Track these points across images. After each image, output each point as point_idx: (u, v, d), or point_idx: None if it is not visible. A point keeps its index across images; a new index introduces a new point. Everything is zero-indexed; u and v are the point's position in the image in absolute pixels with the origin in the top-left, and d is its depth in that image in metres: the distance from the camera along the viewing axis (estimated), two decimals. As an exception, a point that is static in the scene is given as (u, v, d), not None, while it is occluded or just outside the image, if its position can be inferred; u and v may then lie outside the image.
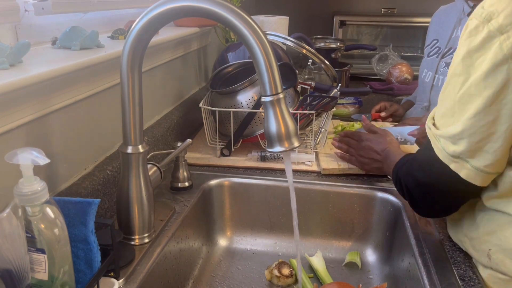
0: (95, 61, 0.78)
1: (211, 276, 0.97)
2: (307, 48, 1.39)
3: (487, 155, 0.64)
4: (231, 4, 0.62)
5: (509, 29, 0.58)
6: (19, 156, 0.52)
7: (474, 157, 0.65)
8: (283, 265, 0.95)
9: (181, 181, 1.00)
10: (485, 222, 0.72)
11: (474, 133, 0.63)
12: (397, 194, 0.99)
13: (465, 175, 0.67)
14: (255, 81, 1.13)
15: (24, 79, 0.62)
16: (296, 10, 2.49)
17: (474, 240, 0.75)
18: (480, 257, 0.74)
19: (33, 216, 0.53)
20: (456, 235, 0.81)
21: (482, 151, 0.64)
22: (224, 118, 1.15)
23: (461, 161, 0.66)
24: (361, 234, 1.04)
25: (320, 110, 1.18)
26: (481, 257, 0.74)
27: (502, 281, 0.71)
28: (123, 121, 0.74)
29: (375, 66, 2.13)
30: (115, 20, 1.11)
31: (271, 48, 0.62)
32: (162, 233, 0.84)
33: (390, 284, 0.90)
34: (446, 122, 0.67)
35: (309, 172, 1.10)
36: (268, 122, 0.65)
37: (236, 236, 1.08)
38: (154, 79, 1.14)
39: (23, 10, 0.78)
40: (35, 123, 0.70)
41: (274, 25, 1.67)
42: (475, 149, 0.64)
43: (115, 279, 0.68)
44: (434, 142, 0.69)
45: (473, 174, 0.66)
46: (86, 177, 0.82)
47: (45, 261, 0.54)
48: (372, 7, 2.50)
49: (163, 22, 0.67)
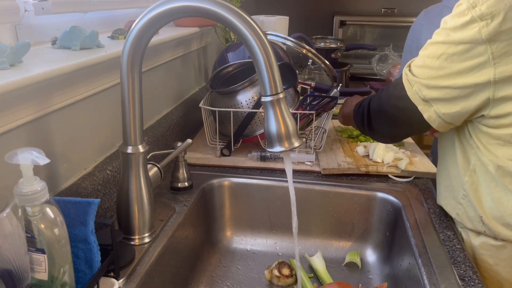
0: (95, 61, 0.78)
1: (211, 276, 0.97)
2: (307, 48, 1.39)
3: (451, 105, 0.77)
4: (231, 4, 0.62)
5: (488, 17, 0.69)
6: (19, 156, 0.52)
7: (439, 103, 0.78)
8: (283, 265, 0.95)
9: (181, 181, 1.00)
10: (475, 189, 0.81)
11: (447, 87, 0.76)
12: (397, 194, 0.99)
13: (427, 117, 0.80)
14: (255, 81, 1.13)
15: (24, 79, 0.62)
16: (296, 10, 2.49)
17: (468, 207, 0.83)
18: (474, 222, 0.83)
19: (33, 216, 0.53)
20: (448, 203, 0.89)
21: (448, 102, 0.77)
22: (224, 118, 1.15)
23: (427, 105, 0.79)
24: (361, 234, 1.04)
25: (320, 110, 1.18)
26: (475, 223, 0.82)
27: (494, 247, 0.81)
28: (123, 121, 0.74)
29: (375, 66, 2.13)
30: (115, 20, 1.11)
31: (271, 48, 0.62)
32: (162, 233, 0.84)
33: (390, 284, 0.90)
34: (423, 74, 0.78)
35: (309, 172, 1.10)
36: (268, 122, 0.65)
37: (236, 236, 1.08)
38: (154, 79, 1.14)
39: (23, 10, 0.78)
40: (35, 123, 0.70)
41: (274, 25, 1.67)
42: (443, 99, 0.77)
43: (115, 279, 0.68)
44: (408, 86, 0.81)
45: (434, 118, 0.79)
46: (86, 177, 0.82)
47: (45, 261, 0.54)
48: (372, 7, 2.50)
49: (163, 22, 0.67)
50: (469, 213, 0.83)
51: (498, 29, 0.68)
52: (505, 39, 0.68)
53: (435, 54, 0.76)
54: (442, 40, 0.75)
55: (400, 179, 1.07)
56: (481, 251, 0.83)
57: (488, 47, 0.69)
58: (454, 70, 0.74)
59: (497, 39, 0.68)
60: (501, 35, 0.68)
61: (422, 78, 0.78)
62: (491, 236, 0.81)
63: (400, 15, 2.40)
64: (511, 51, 0.68)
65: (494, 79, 0.71)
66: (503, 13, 0.67)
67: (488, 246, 0.82)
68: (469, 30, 0.70)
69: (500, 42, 0.68)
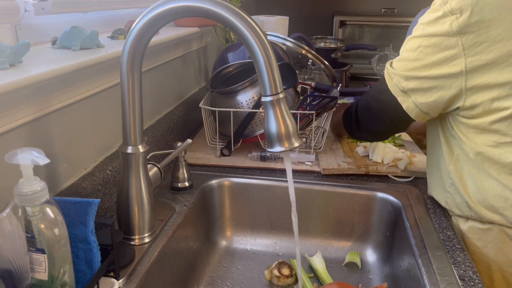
0: (95, 61, 0.78)
1: (211, 276, 0.97)
2: (307, 49, 1.39)
3: (427, 95, 0.83)
4: (231, 4, 0.62)
5: (457, 12, 0.75)
6: (19, 156, 0.52)
7: (417, 94, 0.84)
8: (283, 265, 0.95)
9: (181, 181, 1.00)
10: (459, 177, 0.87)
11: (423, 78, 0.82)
12: (397, 194, 0.99)
13: (406, 107, 0.86)
14: (255, 81, 1.13)
15: (24, 79, 0.62)
16: (296, 10, 2.49)
17: (455, 195, 0.88)
18: (461, 208, 0.88)
19: (33, 216, 0.53)
20: (438, 193, 0.93)
21: (426, 92, 0.82)
22: (224, 118, 1.15)
23: (406, 96, 0.85)
24: (361, 234, 1.04)
25: (320, 110, 1.18)
26: (462, 208, 0.87)
27: (481, 231, 0.86)
28: (123, 121, 0.74)
29: (375, 66, 2.13)
30: (115, 20, 1.11)
31: (271, 48, 0.62)
32: (162, 233, 0.84)
33: (390, 284, 0.90)
34: (402, 67, 0.85)
35: (309, 172, 1.10)
36: (268, 122, 0.65)
37: (236, 236, 1.08)
38: (154, 79, 1.14)
39: (23, 10, 0.78)
40: (35, 123, 0.70)
41: (274, 25, 1.67)
42: (420, 89, 0.83)
43: (115, 279, 0.68)
44: (389, 79, 0.87)
45: (411, 108, 0.86)
46: (86, 177, 0.82)
47: (45, 261, 0.54)
48: (372, 7, 2.50)
49: (163, 22, 0.67)
50: (456, 199, 0.88)
51: (466, 22, 0.75)
52: (474, 31, 0.75)
53: (412, 47, 0.82)
54: (418, 34, 0.82)
55: (400, 179, 1.07)
56: (469, 235, 0.87)
57: (459, 39, 0.76)
58: (429, 62, 0.80)
59: (466, 31, 0.75)
60: (470, 28, 0.75)
61: (400, 70, 0.85)
62: (477, 220, 0.86)
63: (400, 15, 2.40)
64: (479, 42, 0.75)
65: (465, 69, 0.77)
66: (470, 7, 0.74)
67: (475, 229, 0.87)
68: (441, 24, 0.77)
69: (469, 34, 0.75)
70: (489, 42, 0.74)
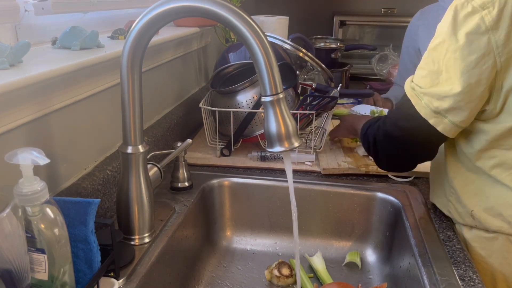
0: (95, 61, 0.78)
1: (211, 276, 0.97)
2: (304, 51, 1.39)
3: (464, 112, 0.74)
4: (231, 4, 0.62)
5: (489, 5, 0.69)
6: (19, 156, 0.52)
7: (453, 113, 0.75)
8: (283, 265, 0.95)
9: (181, 181, 1.00)
10: (462, 186, 0.83)
11: (459, 93, 0.72)
12: (397, 194, 0.99)
13: (442, 128, 0.76)
14: (255, 81, 1.13)
15: (24, 79, 0.62)
16: (296, 10, 2.49)
17: (457, 204, 0.85)
18: (464, 218, 0.84)
19: (33, 216, 0.53)
20: (440, 201, 0.90)
21: (461, 109, 0.74)
22: (224, 118, 1.15)
23: (440, 117, 0.75)
24: (361, 234, 1.04)
25: (320, 110, 1.18)
26: (465, 218, 0.84)
27: (486, 239, 0.82)
28: (123, 121, 0.74)
29: (375, 66, 2.13)
30: (115, 20, 1.11)
31: (271, 48, 0.62)
32: (162, 233, 0.84)
33: (390, 284, 0.90)
34: (431, 83, 0.76)
35: (309, 172, 1.10)
36: (268, 122, 0.65)
37: (236, 236, 1.08)
38: (154, 79, 1.14)
39: (23, 10, 0.78)
40: (35, 123, 0.70)
41: (274, 25, 1.67)
42: (457, 107, 0.74)
43: (115, 279, 0.68)
44: (416, 100, 0.78)
45: (449, 128, 0.76)
46: (86, 177, 0.82)
47: (45, 261, 0.54)
48: (372, 7, 2.50)
49: (163, 22, 0.67)
50: (459, 209, 0.85)
51: (500, 15, 0.69)
52: (507, 25, 0.69)
53: (439, 56, 0.74)
54: (442, 40, 0.74)
55: (400, 179, 1.07)
56: (474, 244, 0.84)
57: (491, 35, 0.69)
58: (460, 68, 0.72)
59: (499, 26, 0.69)
60: (504, 22, 0.69)
61: (430, 86, 0.75)
62: (482, 229, 0.82)
63: (400, 15, 2.40)
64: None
65: (499, 69, 0.71)
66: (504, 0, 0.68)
67: (480, 238, 0.83)
68: (471, 21, 0.70)
69: (503, 29, 0.69)
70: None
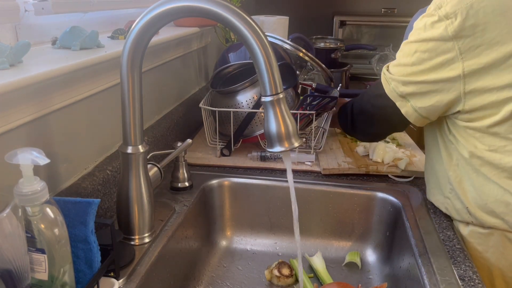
0: (95, 61, 0.78)
1: (211, 276, 0.97)
2: (304, 51, 1.39)
3: (425, 99, 0.82)
4: (231, 4, 0.62)
5: (452, 16, 0.75)
6: (19, 156, 0.52)
7: (415, 98, 0.83)
8: (283, 265, 0.95)
9: (181, 181, 1.00)
10: (459, 182, 0.85)
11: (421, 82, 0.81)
12: (397, 194, 0.99)
13: (405, 112, 0.85)
14: (255, 81, 1.13)
15: (24, 79, 0.62)
16: (296, 10, 2.49)
17: (455, 200, 0.87)
18: (462, 214, 0.86)
19: (33, 216, 0.53)
20: (437, 199, 0.93)
21: (424, 96, 0.82)
22: (224, 118, 1.15)
23: (404, 100, 0.85)
24: (361, 234, 1.04)
25: (320, 110, 1.18)
26: (463, 214, 0.86)
27: (482, 235, 0.84)
28: (123, 121, 0.74)
29: (375, 66, 2.12)
30: (115, 20, 1.11)
31: (271, 48, 0.62)
32: (162, 233, 0.84)
33: (390, 284, 0.90)
34: (399, 72, 0.84)
35: (309, 172, 1.10)
36: (268, 122, 0.65)
37: (236, 236, 1.08)
38: (154, 79, 1.14)
39: (23, 10, 0.78)
40: (35, 123, 0.70)
41: (274, 25, 1.67)
42: (418, 93, 0.82)
43: (115, 279, 0.68)
44: (386, 84, 0.87)
45: (411, 112, 0.85)
46: (86, 177, 0.82)
47: (45, 261, 0.54)
48: (372, 7, 2.50)
49: (163, 22, 0.67)
50: (456, 205, 0.87)
51: (462, 26, 0.74)
52: (469, 35, 0.74)
53: (409, 52, 0.82)
54: (414, 39, 0.81)
55: (400, 179, 1.07)
56: (470, 240, 0.86)
57: (455, 43, 0.75)
58: (426, 66, 0.79)
59: (462, 36, 0.75)
60: (465, 31, 0.74)
61: (398, 75, 0.84)
62: (478, 225, 0.84)
63: (400, 15, 2.40)
64: (476, 45, 0.74)
65: (463, 73, 0.76)
66: (465, 11, 0.74)
67: (476, 234, 0.85)
68: (437, 29, 0.77)
69: (465, 38, 0.75)
70: (486, 45, 0.74)
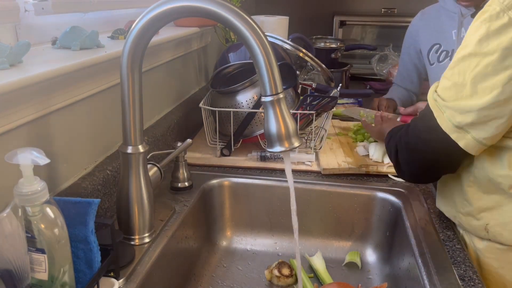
0: (95, 61, 0.78)
1: (211, 276, 0.97)
2: (304, 51, 1.39)
3: (489, 129, 0.69)
4: (231, 4, 0.62)
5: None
6: (19, 156, 0.52)
7: (477, 129, 0.70)
8: (283, 265, 0.95)
9: (181, 181, 1.00)
10: (478, 199, 0.79)
11: (484, 109, 0.67)
12: (397, 194, 0.99)
13: (464, 144, 0.71)
14: (255, 81, 1.13)
15: (24, 79, 0.62)
16: (296, 10, 2.49)
17: (469, 217, 0.81)
18: (477, 231, 0.81)
19: (33, 216, 0.53)
20: (449, 211, 0.87)
21: (486, 125, 0.69)
22: (224, 118, 1.15)
23: (463, 132, 0.71)
24: (361, 234, 1.04)
25: (320, 110, 1.18)
26: (478, 231, 0.80)
27: (499, 251, 0.79)
28: (123, 121, 0.74)
29: (375, 66, 2.13)
30: (115, 20, 1.11)
31: (271, 48, 0.62)
32: (162, 233, 0.84)
33: (390, 284, 0.90)
34: (454, 96, 0.70)
35: (309, 172, 1.10)
36: (268, 122, 0.65)
37: (236, 236, 1.08)
38: (154, 79, 1.14)
39: (23, 10, 0.78)
40: (35, 123, 0.70)
41: (274, 25, 1.67)
42: (480, 123, 0.69)
43: (115, 279, 0.68)
44: (438, 113, 0.73)
45: (472, 145, 0.71)
46: (86, 177, 0.82)
47: (45, 261, 0.54)
48: (372, 7, 2.50)
49: (163, 22, 0.67)
50: (471, 221, 0.81)
51: None
52: None
53: (466, 69, 0.68)
54: (473, 51, 0.67)
55: (400, 179, 1.07)
56: (486, 254, 0.81)
57: None
58: (490, 84, 0.66)
59: None
60: None
61: (453, 100, 0.70)
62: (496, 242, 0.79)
63: (400, 15, 2.40)
64: None
65: None
66: None
67: (493, 249, 0.80)
68: (507, 34, 0.64)
69: None
70: None
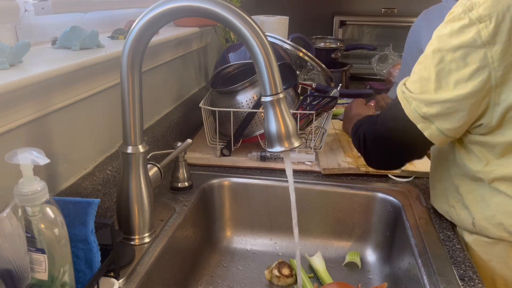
0: (95, 61, 0.78)
1: (211, 276, 0.97)
2: (304, 51, 1.39)
3: (452, 120, 0.74)
4: (231, 4, 0.62)
5: (486, 19, 0.68)
6: (19, 156, 0.52)
7: (440, 120, 0.74)
8: (283, 265, 0.95)
9: (181, 181, 1.00)
10: (467, 192, 0.82)
11: (447, 101, 0.72)
12: (397, 194, 0.99)
13: (428, 134, 0.76)
14: (255, 81, 1.13)
15: (24, 79, 0.62)
16: (296, 10, 2.49)
17: (458, 210, 0.84)
18: (465, 224, 0.84)
19: (33, 216, 0.53)
20: (441, 206, 0.90)
21: (450, 116, 0.73)
22: (224, 118, 1.15)
23: (428, 122, 0.75)
24: (361, 234, 1.04)
25: (320, 110, 1.18)
26: (466, 225, 0.83)
27: (487, 244, 0.82)
28: (123, 121, 0.74)
29: (375, 66, 2.13)
30: (115, 20, 1.11)
31: (271, 48, 0.62)
32: (162, 233, 0.84)
33: (390, 284, 0.90)
34: (420, 89, 0.75)
35: (309, 172, 1.10)
36: (268, 122, 0.65)
37: (236, 236, 1.08)
38: (154, 79, 1.14)
39: (23, 10, 0.78)
40: (35, 123, 0.70)
41: (274, 25, 1.67)
42: (444, 114, 0.73)
43: (115, 279, 0.68)
44: (405, 104, 0.77)
45: (435, 134, 0.76)
46: (86, 177, 0.82)
47: (45, 261, 0.54)
48: (372, 7, 2.50)
49: (163, 22, 0.67)
50: (461, 215, 0.84)
51: (497, 30, 0.67)
52: (504, 40, 0.67)
53: (432, 64, 0.73)
54: (437, 48, 0.72)
55: (400, 179, 1.07)
56: (474, 248, 0.83)
57: (488, 50, 0.68)
58: (453, 79, 0.71)
59: (496, 41, 0.68)
60: (500, 37, 0.67)
61: (420, 92, 0.75)
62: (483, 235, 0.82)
63: (400, 15, 2.40)
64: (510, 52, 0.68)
65: (495, 84, 0.70)
66: (502, 14, 0.67)
67: (481, 242, 0.82)
68: (467, 34, 0.69)
69: (499, 44, 0.68)
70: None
